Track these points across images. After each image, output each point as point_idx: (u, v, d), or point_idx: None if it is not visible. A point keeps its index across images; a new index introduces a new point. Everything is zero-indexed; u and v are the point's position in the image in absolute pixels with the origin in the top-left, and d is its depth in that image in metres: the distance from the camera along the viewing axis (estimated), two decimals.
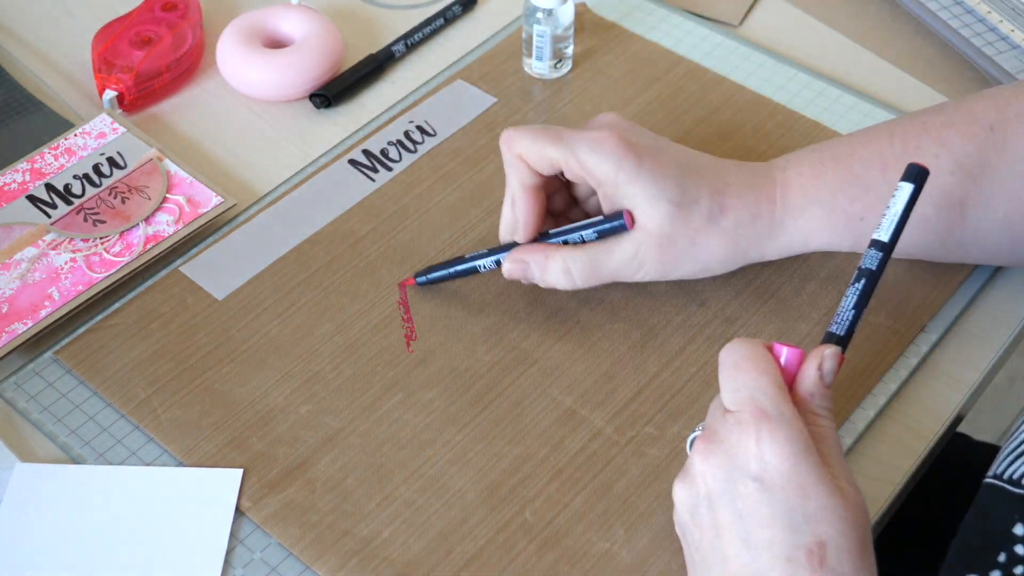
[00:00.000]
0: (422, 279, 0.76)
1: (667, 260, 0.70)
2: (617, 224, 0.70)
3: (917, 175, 0.64)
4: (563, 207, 0.75)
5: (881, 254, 0.63)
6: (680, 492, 0.59)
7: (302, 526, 0.65)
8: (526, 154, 0.70)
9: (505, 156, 0.72)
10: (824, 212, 0.70)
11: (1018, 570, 0.56)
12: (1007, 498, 0.58)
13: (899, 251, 0.72)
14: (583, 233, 0.71)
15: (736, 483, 0.56)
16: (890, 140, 0.71)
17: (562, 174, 0.71)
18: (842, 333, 0.62)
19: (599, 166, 0.69)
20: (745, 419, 0.56)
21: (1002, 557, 0.56)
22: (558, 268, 0.71)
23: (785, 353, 0.59)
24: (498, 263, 0.73)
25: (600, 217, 0.71)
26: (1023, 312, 0.76)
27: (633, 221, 0.69)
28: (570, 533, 0.65)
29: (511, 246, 0.73)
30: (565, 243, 0.72)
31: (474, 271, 0.74)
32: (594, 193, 0.73)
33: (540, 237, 0.72)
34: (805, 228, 0.71)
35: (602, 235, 0.71)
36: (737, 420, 0.56)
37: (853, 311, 0.62)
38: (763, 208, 0.70)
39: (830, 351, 0.59)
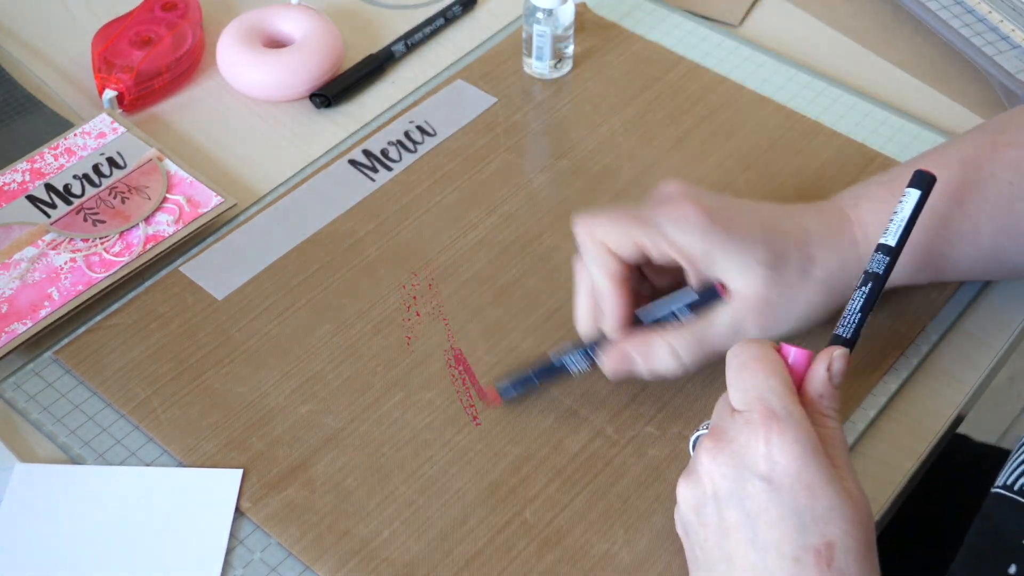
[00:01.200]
0: (508, 391, 0.70)
1: (768, 323, 0.67)
2: (711, 297, 0.67)
3: (923, 181, 0.64)
4: (636, 286, 0.70)
5: (887, 259, 0.64)
6: (685, 491, 0.59)
7: (302, 526, 0.65)
8: (612, 242, 0.66)
9: (585, 246, 0.67)
10: (906, 249, 0.68)
11: None
12: (1018, 509, 0.58)
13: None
14: (675, 311, 0.67)
15: (744, 482, 0.55)
16: (961, 169, 0.69)
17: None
18: (848, 336, 0.62)
19: (689, 242, 0.65)
20: (754, 419, 0.56)
21: (1013, 569, 0.56)
22: (664, 353, 0.67)
23: (793, 354, 0.59)
24: (588, 357, 0.69)
25: (690, 291, 0.68)
26: (1023, 312, 0.76)
27: (726, 291, 0.67)
28: (570, 533, 0.65)
29: (599, 341, 0.69)
30: (656, 324, 0.68)
31: (564, 372, 0.70)
32: (666, 270, 0.70)
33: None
34: None
35: (696, 310, 0.67)
36: (746, 420, 0.56)
37: (860, 314, 0.62)
38: (848, 253, 0.69)
39: (839, 352, 0.59)
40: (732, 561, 0.56)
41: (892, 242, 0.64)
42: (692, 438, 0.66)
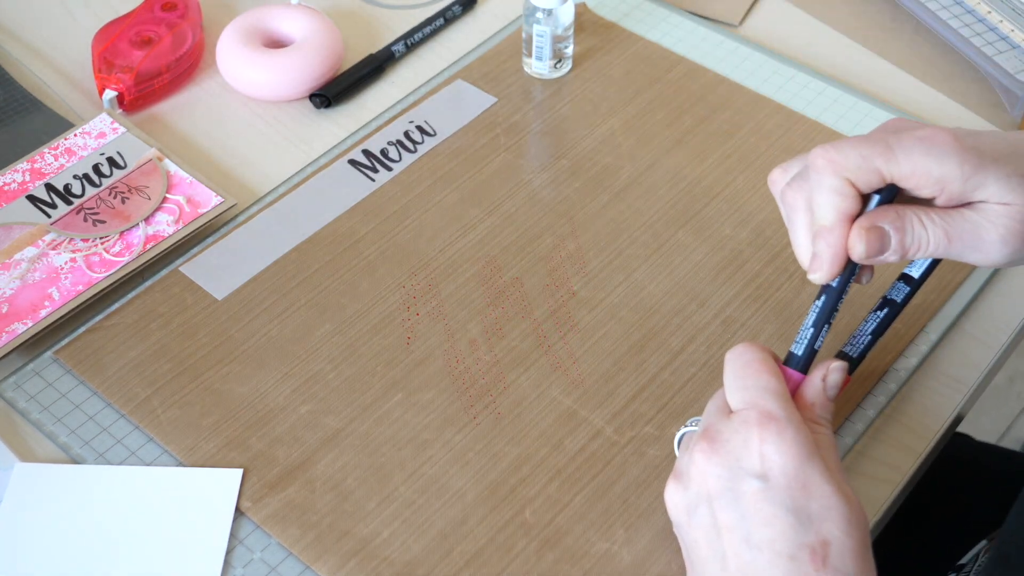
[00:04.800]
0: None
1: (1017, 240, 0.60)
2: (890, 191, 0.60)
3: None
4: None
5: (909, 289, 0.64)
6: (675, 495, 0.58)
7: (302, 526, 0.65)
8: (857, 176, 0.59)
9: (825, 181, 0.60)
10: None
11: None
12: None
13: None
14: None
15: (739, 482, 0.55)
16: None
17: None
18: (855, 356, 0.62)
19: (942, 166, 0.59)
20: (751, 418, 0.56)
21: None
22: (916, 221, 0.60)
23: (787, 372, 0.60)
24: (839, 292, 0.61)
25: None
26: (1022, 312, 0.76)
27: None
28: (570, 533, 0.65)
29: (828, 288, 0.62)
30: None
31: (836, 310, 0.62)
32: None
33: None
34: None
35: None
36: (743, 420, 0.56)
37: (870, 336, 0.63)
38: None
39: (836, 364, 0.59)
40: (725, 560, 0.56)
41: (916, 274, 0.64)
42: (677, 436, 0.66)
